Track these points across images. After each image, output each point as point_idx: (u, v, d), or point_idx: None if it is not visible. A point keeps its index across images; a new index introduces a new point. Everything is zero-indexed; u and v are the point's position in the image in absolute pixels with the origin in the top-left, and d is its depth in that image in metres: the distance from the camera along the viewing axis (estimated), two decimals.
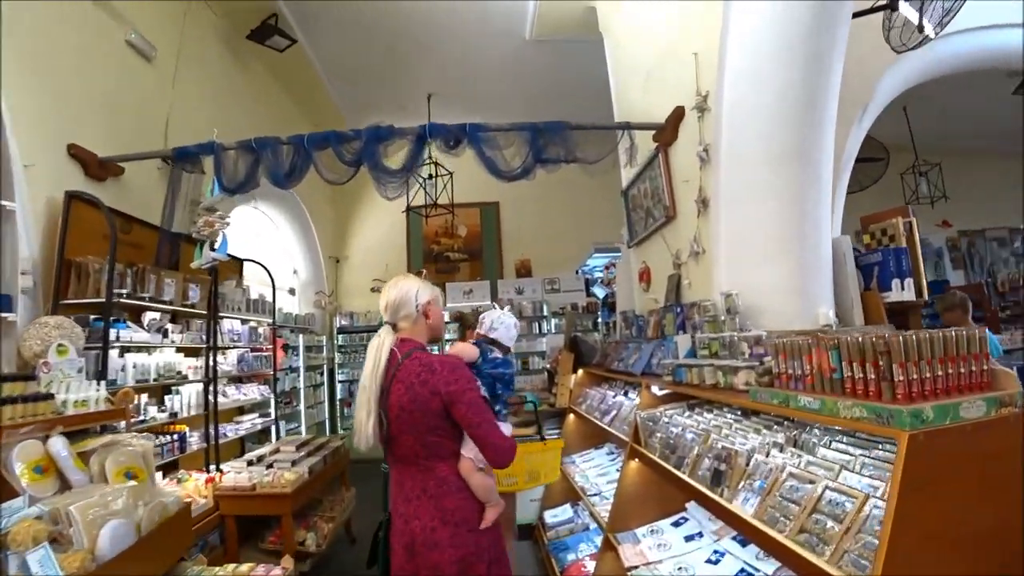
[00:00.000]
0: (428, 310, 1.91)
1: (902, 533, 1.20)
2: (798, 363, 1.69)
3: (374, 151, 3.05)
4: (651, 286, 4.11)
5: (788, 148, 2.83)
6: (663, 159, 3.57)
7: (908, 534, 1.21)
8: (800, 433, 1.97)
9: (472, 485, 1.77)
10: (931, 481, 1.26)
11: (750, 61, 2.84)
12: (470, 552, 1.72)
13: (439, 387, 1.69)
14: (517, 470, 2.45)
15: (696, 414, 2.57)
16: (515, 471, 2.46)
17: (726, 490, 1.89)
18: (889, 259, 3.18)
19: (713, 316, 2.85)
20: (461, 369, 1.76)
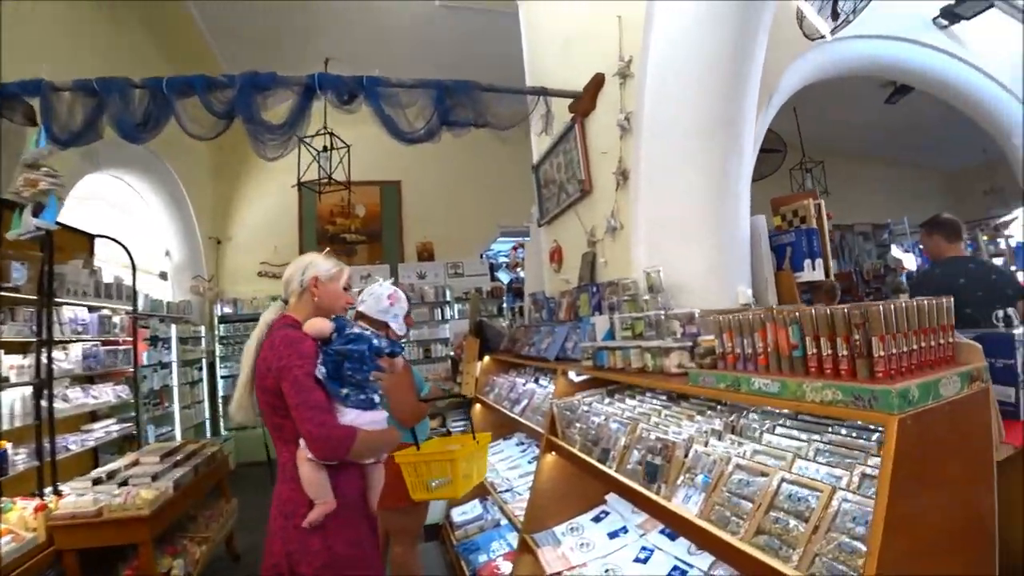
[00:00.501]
0: (316, 285, 1.77)
1: (895, 531, 1.03)
2: (748, 341, 1.49)
3: (251, 102, 2.53)
4: (563, 266, 3.91)
5: (714, 119, 2.70)
6: (579, 130, 3.34)
7: (901, 531, 1.04)
8: (738, 418, 1.81)
9: (300, 475, 1.60)
10: (921, 469, 1.11)
11: (678, 24, 2.66)
12: (295, 549, 1.59)
13: (272, 362, 1.60)
14: (454, 472, 2.12)
15: (618, 401, 2.38)
16: (452, 473, 2.13)
17: (663, 486, 1.68)
18: (802, 240, 3.18)
19: (633, 295, 2.67)
20: (298, 344, 1.61)
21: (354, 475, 1.72)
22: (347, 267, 1.91)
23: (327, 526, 1.60)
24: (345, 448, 1.54)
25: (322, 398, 1.57)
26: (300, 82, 2.68)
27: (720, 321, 1.58)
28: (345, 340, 1.67)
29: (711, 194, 2.77)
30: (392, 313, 1.91)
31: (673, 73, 2.72)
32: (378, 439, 1.71)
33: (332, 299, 1.79)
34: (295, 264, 1.83)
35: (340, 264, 1.88)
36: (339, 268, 1.85)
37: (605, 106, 3.17)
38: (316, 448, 1.53)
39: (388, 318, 1.89)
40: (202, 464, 3.53)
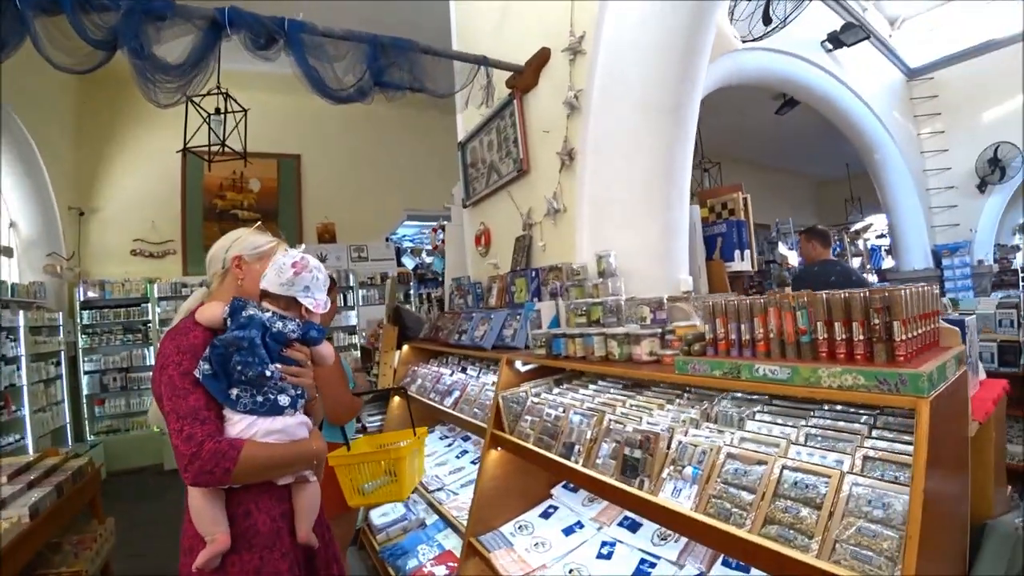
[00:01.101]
0: (239, 266, 1.50)
1: (931, 513, 1.01)
2: (747, 326, 1.41)
3: (139, 31, 2.05)
4: (491, 249, 3.73)
5: (664, 101, 2.65)
6: (518, 107, 3.16)
7: (934, 513, 1.03)
8: (710, 406, 1.74)
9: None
10: (939, 451, 1.09)
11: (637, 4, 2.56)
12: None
13: (157, 360, 1.36)
14: (400, 471, 1.87)
15: (569, 391, 2.25)
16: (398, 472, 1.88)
17: (646, 481, 1.56)
18: (733, 231, 3.25)
19: (581, 280, 2.56)
20: (182, 336, 1.35)
21: (270, 498, 1.37)
22: (283, 243, 1.60)
23: (227, 569, 1.28)
24: (222, 469, 1.20)
25: (198, 403, 1.26)
26: (206, 15, 2.22)
27: (713, 306, 1.48)
28: (235, 326, 1.35)
29: (658, 178, 2.72)
30: (300, 286, 1.42)
31: (627, 53, 2.64)
32: (279, 454, 1.33)
33: (258, 283, 1.47)
34: (220, 241, 1.55)
35: (274, 239, 1.58)
36: (271, 245, 1.56)
37: (548, 83, 3.02)
38: (184, 469, 1.20)
39: (296, 292, 1.42)
40: (66, 482, 2.91)
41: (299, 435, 1.38)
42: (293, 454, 1.37)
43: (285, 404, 1.35)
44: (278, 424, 1.35)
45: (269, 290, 1.43)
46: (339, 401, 2.06)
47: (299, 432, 1.39)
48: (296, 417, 1.39)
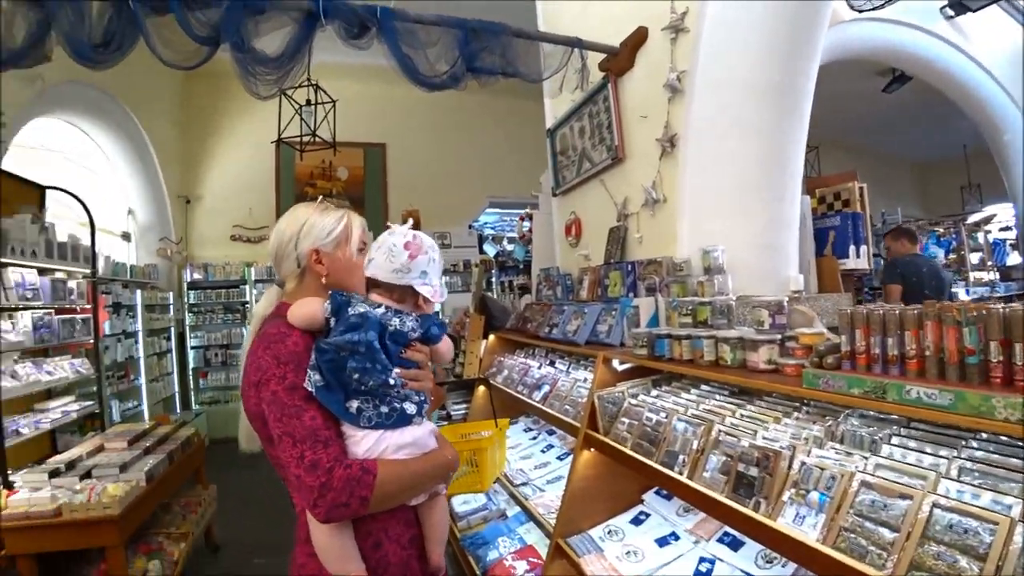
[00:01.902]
0: (319, 260, 1.25)
1: None
2: (895, 340, 1.22)
3: (240, 26, 2.09)
4: (581, 240, 3.61)
5: (776, 77, 2.42)
6: (613, 91, 3.00)
7: None
8: (835, 424, 1.56)
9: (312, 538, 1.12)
10: None
11: None
12: None
13: (251, 376, 1.12)
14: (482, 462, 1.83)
15: (668, 393, 2.12)
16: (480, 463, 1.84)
17: (763, 503, 1.41)
18: (848, 224, 2.95)
19: (684, 276, 2.40)
20: (278, 343, 1.12)
21: (399, 523, 1.20)
22: (357, 216, 1.33)
23: None
24: (359, 498, 1.02)
25: (315, 422, 1.06)
26: (302, 7, 2.24)
27: (852, 315, 1.30)
28: (344, 327, 1.12)
29: (767, 164, 2.50)
30: (417, 271, 1.19)
31: (734, 27, 2.42)
32: (416, 471, 1.14)
33: (347, 272, 1.27)
34: (281, 232, 1.28)
35: (344, 214, 1.30)
36: (344, 222, 1.28)
37: (645, 64, 2.84)
38: (313, 504, 1.01)
39: (412, 279, 1.18)
40: (176, 450, 3.14)
41: (430, 445, 1.20)
42: (430, 468, 1.18)
43: (413, 413, 1.16)
44: (408, 436, 1.15)
45: (379, 278, 1.21)
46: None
47: (430, 442, 1.20)
48: (425, 426, 1.20)
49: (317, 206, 1.31)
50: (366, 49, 2.39)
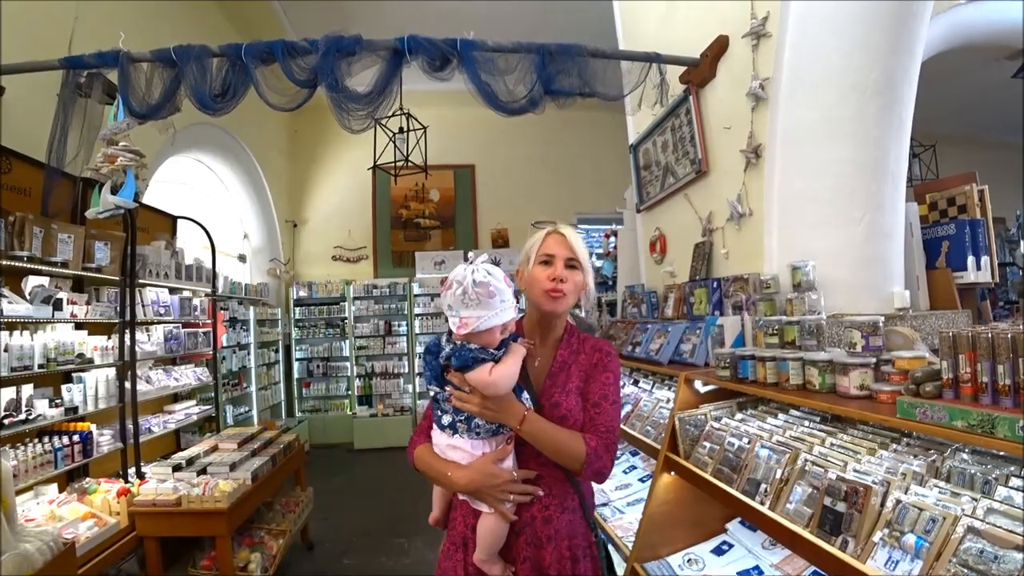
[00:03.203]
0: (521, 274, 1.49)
1: None
2: (1006, 367, 1.10)
3: (334, 67, 2.28)
4: (666, 257, 3.52)
5: (870, 78, 2.25)
6: (695, 103, 2.93)
7: None
8: (941, 459, 1.40)
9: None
10: None
11: None
12: None
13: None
14: None
15: (753, 417, 2.00)
16: None
17: (850, 541, 1.30)
18: (964, 232, 2.66)
19: (771, 293, 2.28)
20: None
21: (465, 510, 1.40)
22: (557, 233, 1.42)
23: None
24: (409, 453, 1.45)
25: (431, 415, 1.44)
26: (388, 46, 2.41)
27: (955, 338, 1.18)
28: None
29: (863, 171, 2.32)
30: (444, 306, 1.30)
31: (820, 27, 2.29)
32: (427, 465, 1.38)
33: (528, 284, 1.42)
34: None
35: (542, 235, 1.43)
36: (535, 241, 1.43)
37: (727, 74, 2.75)
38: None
39: (446, 313, 1.30)
40: (279, 454, 3.41)
41: (448, 456, 1.35)
42: (435, 471, 1.36)
43: (445, 424, 1.35)
44: (436, 437, 1.39)
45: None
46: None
47: (449, 453, 1.35)
48: (452, 439, 1.34)
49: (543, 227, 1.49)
50: (448, 80, 2.51)
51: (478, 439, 1.32)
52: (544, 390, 1.41)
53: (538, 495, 1.34)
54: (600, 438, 1.33)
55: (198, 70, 2.34)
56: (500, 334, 1.30)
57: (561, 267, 1.38)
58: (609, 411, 1.38)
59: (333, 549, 3.85)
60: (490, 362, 1.26)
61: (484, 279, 1.25)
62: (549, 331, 1.47)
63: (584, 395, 1.40)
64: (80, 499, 2.76)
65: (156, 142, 3.92)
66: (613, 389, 1.41)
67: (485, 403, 1.26)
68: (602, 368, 1.43)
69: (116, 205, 2.31)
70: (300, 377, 7.51)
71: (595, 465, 1.30)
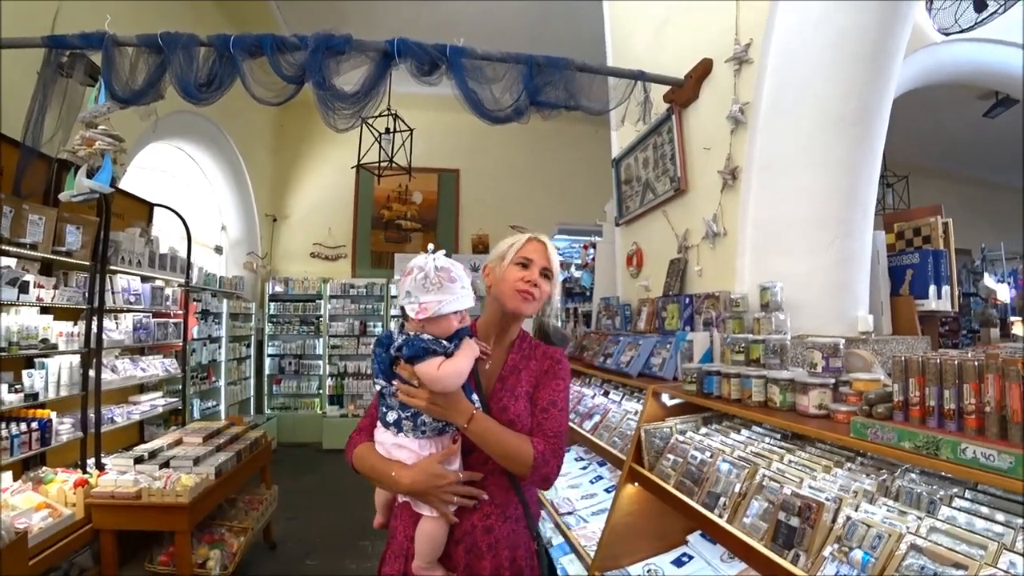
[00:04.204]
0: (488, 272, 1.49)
1: None
2: (952, 392, 1.15)
3: (322, 65, 2.29)
4: (642, 271, 3.58)
5: (846, 110, 2.34)
6: (677, 122, 3.00)
7: None
8: (891, 478, 1.46)
9: None
10: None
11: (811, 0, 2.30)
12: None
13: None
14: None
15: (718, 432, 2.05)
16: None
17: (802, 556, 1.35)
18: (928, 262, 2.76)
19: (740, 312, 2.33)
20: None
21: (408, 515, 1.35)
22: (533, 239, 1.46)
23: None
24: (348, 452, 1.41)
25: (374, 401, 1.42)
26: (378, 48, 2.43)
27: (907, 363, 1.24)
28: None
29: (835, 199, 2.40)
30: (402, 292, 1.28)
31: (801, 58, 2.37)
32: (369, 465, 1.33)
33: (496, 282, 1.42)
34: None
35: (520, 236, 1.46)
36: (509, 243, 1.45)
37: (710, 96, 2.82)
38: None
39: (402, 301, 1.29)
40: (245, 450, 3.37)
41: (394, 455, 1.30)
42: (378, 472, 1.31)
43: (390, 421, 1.31)
44: (380, 435, 1.35)
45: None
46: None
47: (395, 453, 1.30)
48: (397, 437, 1.31)
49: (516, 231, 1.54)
50: (436, 85, 2.54)
51: (424, 438, 1.30)
52: (493, 393, 1.40)
53: (483, 498, 1.31)
54: (548, 442, 1.32)
55: (185, 58, 2.32)
56: (457, 322, 1.29)
57: (537, 273, 1.40)
58: (557, 417, 1.38)
59: (296, 549, 3.80)
60: (441, 356, 1.24)
61: (447, 265, 1.27)
62: (504, 334, 1.47)
63: (533, 400, 1.40)
64: (35, 488, 2.69)
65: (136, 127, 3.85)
66: (562, 396, 1.41)
67: (433, 399, 1.23)
68: (552, 375, 1.44)
69: (91, 189, 2.28)
70: (271, 373, 7.42)
71: (542, 470, 1.29)
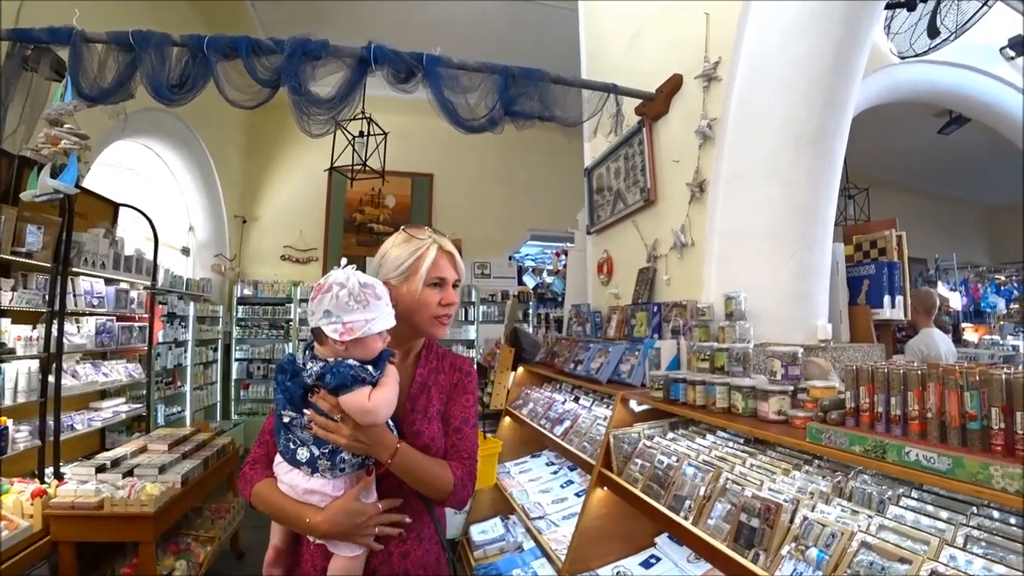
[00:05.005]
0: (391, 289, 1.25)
1: None
2: (898, 400, 1.23)
3: (298, 70, 2.29)
4: (612, 279, 3.65)
5: (808, 128, 2.43)
6: (648, 134, 3.08)
7: None
8: (845, 480, 1.54)
9: None
10: None
11: (777, 24, 2.41)
12: None
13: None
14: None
15: (684, 438, 2.12)
16: None
17: (762, 555, 1.41)
18: (883, 273, 2.89)
19: (706, 320, 2.41)
20: None
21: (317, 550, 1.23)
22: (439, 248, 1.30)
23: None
24: (244, 491, 1.26)
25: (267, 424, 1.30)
26: (354, 54, 2.44)
27: (857, 371, 1.31)
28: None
29: (798, 213, 2.50)
30: (320, 312, 1.13)
31: (766, 78, 2.47)
32: (276, 508, 1.18)
33: (410, 306, 1.26)
34: (376, 260, 1.34)
35: (421, 246, 1.27)
36: (417, 255, 1.26)
37: (680, 110, 2.91)
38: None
39: (318, 321, 1.13)
40: (212, 457, 3.31)
41: (305, 499, 1.15)
42: (288, 516, 1.17)
43: (302, 459, 1.14)
44: (288, 477, 1.17)
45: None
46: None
47: (306, 498, 1.15)
48: (310, 481, 1.14)
49: (400, 236, 1.31)
50: (412, 93, 2.56)
51: (340, 476, 1.16)
52: (404, 415, 1.27)
53: (406, 523, 1.22)
54: (464, 466, 1.28)
55: (157, 58, 2.29)
56: (383, 343, 1.16)
57: (452, 291, 1.31)
58: (470, 436, 1.32)
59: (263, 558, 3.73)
60: (369, 385, 1.10)
61: (370, 281, 1.16)
62: (409, 350, 1.36)
63: (445, 419, 1.33)
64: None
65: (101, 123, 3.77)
66: (473, 411, 1.35)
67: (356, 434, 1.10)
68: (462, 390, 1.36)
69: (55, 189, 2.22)
70: (239, 378, 7.26)
71: (460, 495, 1.25)
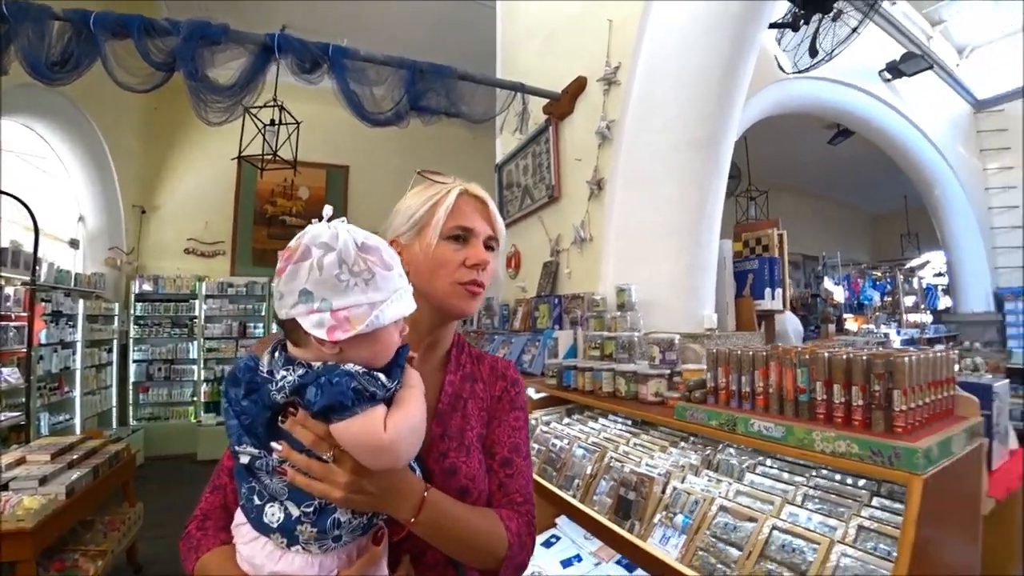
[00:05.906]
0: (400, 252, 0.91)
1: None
2: (747, 378, 1.38)
3: (195, 55, 2.20)
4: (520, 272, 3.76)
5: (698, 134, 2.63)
6: (553, 133, 3.20)
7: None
8: (714, 453, 1.71)
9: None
10: (934, 531, 1.04)
11: (672, 35, 2.58)
12: None
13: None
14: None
15: (579, 423, 2.25)
16: None
17: (637, 524, 1.55)
18: (765, 268, 3.17)
19: (601, 311, 2.56)
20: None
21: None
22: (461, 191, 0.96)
23: None
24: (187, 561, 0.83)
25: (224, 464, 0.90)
26: (257, 41, 2.37)
27: (716, 354, 1.46)
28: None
29: (688, 212, 2.70)
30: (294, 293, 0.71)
31: (661, 84, 2.64)
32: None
33: (425, 266, 0.91)
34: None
35: (440, 190, 0.95)
36: (433, 201, 0.93)
37: (584, 111, 3.05)
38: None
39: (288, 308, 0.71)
40: (104, 465, 3.10)
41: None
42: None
43: (272, 523, 0.71)
44: (247, 548, 0.73)
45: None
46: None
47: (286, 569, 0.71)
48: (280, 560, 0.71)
49: (418, 184, 0.98)
50: (317, 84, 2.53)
51: (332, 550, 0.72)
52: (431, 444, 0.86)
53: None
54: (520, 516, 0.89)
55: (34, 32, 2.11)
56: (399, 337, 0.76)
57: (482, 249, 0.93)
58: (524, 471, 0.95)
59: (164, 570, 3.55)
60: (381, 403, 0.70)
61: (373, 242, 0.76)
62: (433, 346, 0.96)
63: (487, 447, 0.94)
64: None
65: None
66: (524, 435, 0.98)
67: (359, 482, 0.70)
68: (509, 404, 0.98)
69: None
70: (137, 381, 6.77)
71: (518, 558, 0.86)
